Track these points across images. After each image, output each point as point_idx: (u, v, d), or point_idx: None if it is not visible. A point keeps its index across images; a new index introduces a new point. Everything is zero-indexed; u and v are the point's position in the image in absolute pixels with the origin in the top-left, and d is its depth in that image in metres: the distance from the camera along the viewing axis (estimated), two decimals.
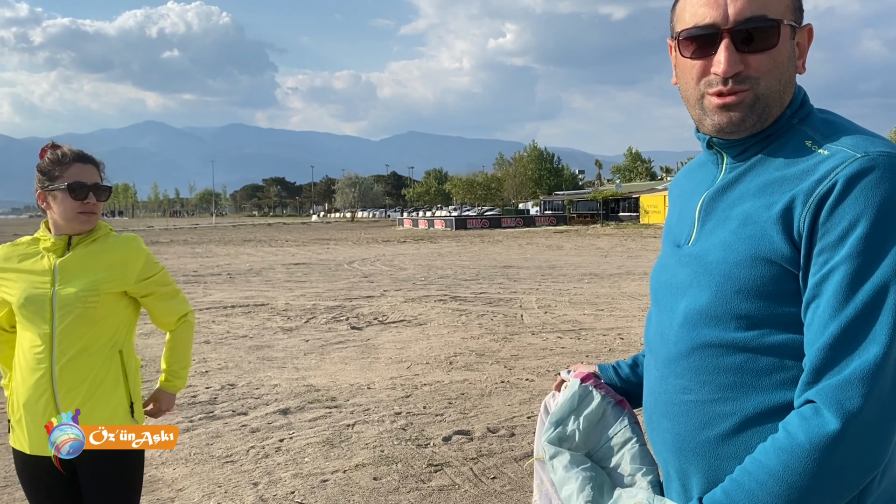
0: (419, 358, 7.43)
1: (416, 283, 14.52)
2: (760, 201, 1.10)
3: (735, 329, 1.09)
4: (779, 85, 1.13)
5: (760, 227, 1.08)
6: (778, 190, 1.09)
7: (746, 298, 1.08)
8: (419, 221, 57.79)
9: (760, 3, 1.10)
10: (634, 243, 27.94)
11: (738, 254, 1.09)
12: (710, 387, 1.13)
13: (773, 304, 1.07)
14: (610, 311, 10.22)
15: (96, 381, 2.32)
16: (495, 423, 5.16)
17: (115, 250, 2.39)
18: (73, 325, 2.29)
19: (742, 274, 1.08)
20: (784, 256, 1.05)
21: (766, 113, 1.14)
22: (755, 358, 1.08)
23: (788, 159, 1.12)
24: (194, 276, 17.13)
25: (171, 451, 4.70)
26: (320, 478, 4.21)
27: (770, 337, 1.07)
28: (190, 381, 6.54)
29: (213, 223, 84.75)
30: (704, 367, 1.13)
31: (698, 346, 1.14)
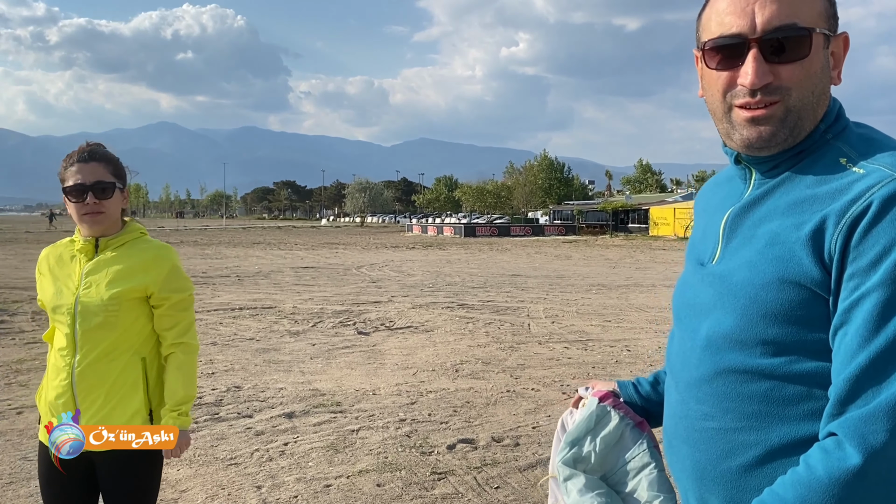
0: (425, 365, 7.43)
1: (423, 290, 14.52)
2: (789, 220, 1.04)
3: (761, 355, 1.04)
4: (812, 97, 1.08)
5: (789, 248, 1.02)
6: (808, 209, 1.03)
7: (773, 323, 1.02)
8: (428, 228, 57.81)
9: (791, 11, 1.05)
10: (643, 255, 27.85)
11: (765, 275, 1.04)
12: (733, 414, 1.08)
13: (802, 330, 1.01)
14: (617, 323, 10.19)
15: (115, 386, 2.31)
16: (500, 433, 5.14)
17: (142, 256, 2.34)
18: (93, 330, 2.28)
19: (768, 297, 1.03)
20: (814, 280, 0.99)
21: (799, 127, 1.08)
22: (782, 386, 1.03)
23: (821, 177, 1.05)
24: (203, 277, 17.20)
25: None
26: (324, 483, 4.20)
27: (798, 364, 1.02)
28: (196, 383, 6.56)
29: (223, 225, 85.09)
30: (728, 394, 1.08)
31: (721, 372, 1.09)
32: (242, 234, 50.69)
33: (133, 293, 2.30)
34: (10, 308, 11.47)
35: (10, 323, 9.98)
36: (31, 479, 4.24)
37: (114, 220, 2.36)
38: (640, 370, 7.18)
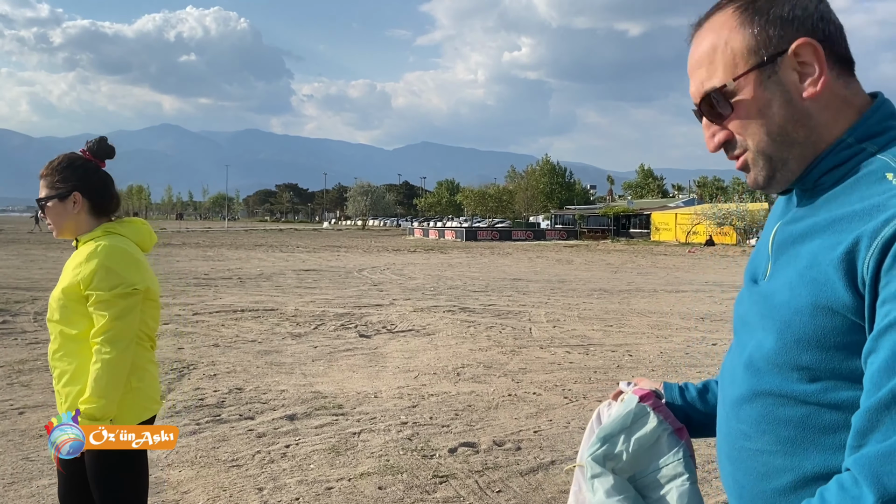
0: (427, 368, 7.43)
1: (425, 293, 14.53)
2: (827, 240, 0.97)
3: (797, 380, 1.00)
4: (768, 136, 1.05)
5: (823, 271, 0.96)
6: (846, 228, 0.95)
7: (808, 349, 0.98)
8: (430, 231, 57.80)
9: (707, 74, 1.07)
10: (645, 260, 27.84)
11: (801, 299, 0.98)
12: (769, 437, 1.05)
13: (838, 357, 0.96)
14: (619, 328, 10.18)
15: (75, 372, 2.46)
16: (501, 437, 5.14)
17: (80, 255, 2.49)
18: (54, 321, 2.48)
19: (803, 321, 0.98)
20: (846, 306, 0.93)
21: (778, 160, 1.06)
22: (818, 413, 0.99)
23: (862, 193, 0.98)
24: (205, 279, 17.21)
25: (177, 453, 4.72)
26: (325, 485, 4.21)
27: (834, 393, 0.97)
28: (198, 384, 6.57)
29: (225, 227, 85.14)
30: (765, 416, 1.05)
31: (760, 393, 1.06)
32: (244, 237, 50.72)
33: (73, 289, 2.43)
34: (12, 308, 11.48)
35: (12, 323, 10.00)
36: (33, 479, 4.25)
37: (68, 226, 2.52)
38: (640, 375, 7.18)
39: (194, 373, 7.07)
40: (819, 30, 1.04)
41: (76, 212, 2.50)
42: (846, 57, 1.07)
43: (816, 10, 1.05)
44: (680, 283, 17.79)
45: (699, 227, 43.64)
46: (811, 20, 1.04)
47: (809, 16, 1.04)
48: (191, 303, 12.44)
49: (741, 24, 1.05)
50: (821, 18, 1.05)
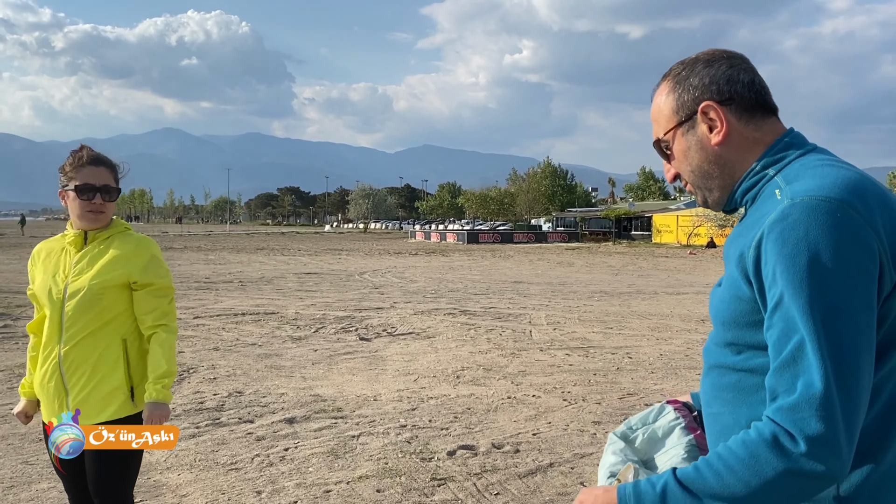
0: (426, 371, 7.43)
1: (426, 296, 14.53)
2: (736, 246, 1.27)
3: (729, 354, 1.30)
4: (691, 172, 1.40)
5: (733, 271, 1.26)
6: (745, 235, 1.24)
7: (730, 329, 1.29)
8: (431, 234, 57.81)
9: (655, 129, 1.44)
10: (646, 262, 27.83)
11: (724, 292, 1.30)
12: (719, 401, 1.33)
13: (751, 333, 1.24)
14: (619, 330, 10.18)
15: (98, 364, 2.51)
16: (500, 439, 5.15)
17: (126, 247, 2.58)
18: (79, 314, 2.50)
19: (725, 309, 1.29)
20: (747, 295, 1.23)
21: (705, 189, 1.41)
22: (745, 377, 1.27)
23: (759, 207, 1.29)
24: (206, 282, 17.23)
25: (177, 456, 4.73)
26: (324, 488, 4.21)
27: (753, 360, 1.25)
28: (198, 388, 6.58)
29: (227, 231, 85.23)
30: (715, 385, 1.35)
31: (711, 367, 1.37)
32: (246, 240, 50.76)
33: (116, 280, 2.53)
34: (13, 312, 11.51)
35: (13, 327, 10.02)
36: (33, 483, 4.26)
37: (108, 218, 2.63)
38: (641, 377, 7.18)
39: (194, 376, 7.08)
40: (724, 91, 1.34)
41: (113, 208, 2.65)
42: (759, 104, 1.35)
43: (723, 76, 1.35)
44: (681, 285, 17.78)
45: (700, 229, 43.61)
46: (716, 85, 1.34)
47: (714, 82, 1.35)
48: (191, 306, 12.45)
49: (669, 92, 1.40)
50: (727, 82, 1.34)
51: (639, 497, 1.24)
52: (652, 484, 1.24)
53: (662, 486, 1.22)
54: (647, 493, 1.23)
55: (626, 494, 1.26)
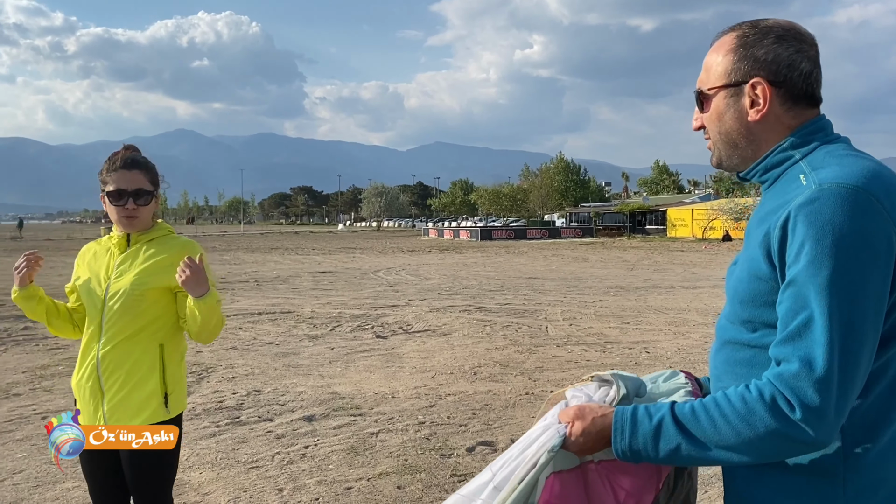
0: (443, 368, 7.44)
1: (440, 294, 14.54)
2: (758, 229, 1.31)
3: (745, 331, 1.35)
4: (719, 134, 1.43)
5: (754, 251, 1.30)
6: (768, 219, 1.29)
7: (747, 307, 1.33)
8: (444, 232, 57.82)
9: (702, 78, 1.44)
10: (661, 257, 27.69)
11: (743, 271, 1.34)
12: (731, 375, 1.38)
13: (767, 312, 1.29)
14: (636, 325, 10.14)
15: (134, 369, 2.50)
16: (519, 435, 5.12)
17: (169, 251, 2.57)
18: (118, 316, 2.49)
19: (743, 288, 1.34)
20: (768, 275, 1.27)
21: (724, 153, 1.44)
22: (759, 353, 1.32)
23: (782, 192, 1.31)
24: (222, 283, 17.32)
25: (198, 455, 4.76)
26: (344, 485, 4.23)
27: (768, 338, 1.29)
28: (217, 387, 6.63)
29: (241, 231, 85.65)
30: (727, 360, 1.40)
31: (724, 343, 1.41)
32: (260, 240, 51.00)
33: (157, 284, 2.51)
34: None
35: (33, 329, 10.12)
36: (57, 483, 4.30)
37: (146, 221, 2.61)
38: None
39: (213, 375, 7.13)
40: (780, 73, 1.34)
41: (154, 209, 2.64)
42: (806, 96, 1.36)
43: (787, 58, 1.34)
44: (697, 279, 17.68)
45: (716, 223, 43.34)
46: (776, 65, 1.34)
47: (777, 61, 1.34)
48: None
49: (730, 51, 1.39)
50: (788, 66, 1.34)
51: (635, 425, 1.30)
52: (649, 415, 1.31)
53: (659, 419, 1.29)
54: (642, 423, 1.30)
55: (623, 419, 1.32)
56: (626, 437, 1.30)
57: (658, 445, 1.27)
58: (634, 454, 1.30)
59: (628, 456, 1.31)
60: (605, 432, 1.33)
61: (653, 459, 1.29)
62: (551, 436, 1.37)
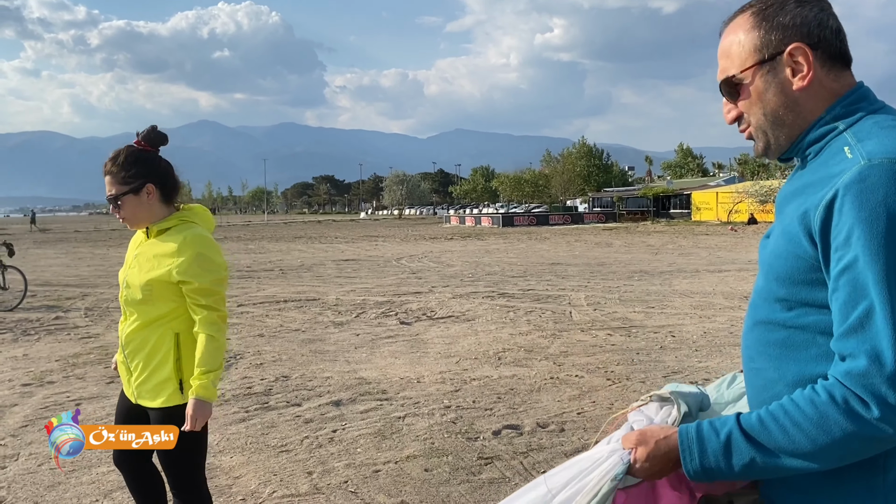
0: (468, 353, 7.47)
1: (463, 280, 14.56)
2: (796, 203, 1.27)
3: (779, 310, 1.29)
4: (763, 115, 1.34)
5: (793, 227, 1.24)
6: (807, 193, 1.24)
7: (783, 285, 1.27)
8: (466, 219, 57.78)
9: (725, 65, 1.36)
10: (686, 241, 27.44)
11: (780, 247, 1.28)
12: (764, 357, 1.33)
13: (805, 290, 1.24)
14: (661, 309, 10.09)
15: (151, 354, 2.58)
16: (545, 419, 5.16)
17: (173, 243, 2.56)
18: (132, 304, 2.59)
19: (780, 265, 1.27)
20: (807, 253, 1.21)
21: (772, 135, 1.35)
22: (794, 334, 1.27)
23: (824, 163, 1.26)
24: (248, 271, 17.51)
25: (228, 440, 4.84)
26: (373, 468, 4.28)
27: (805, 317, 1.25)
28: (245, 373, 6.72)
29: (265, 220, 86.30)
30: (761, 340, 1.34)
31: (757, 323, 1.35)
32: (284, 229, 51.36)
33: (161, 276, 2.53)
34: (64, 305, 11.85)
35: (65, 319, 10.32)
36: (93, 467, 4.41)
37: (143, 216, 2.61)
38: (685, 355, 7.12)
39: (241, 362, 7.23)
40: (814, 35, 1.29)
41: (150, 202, 2.60)
42: (841, 55, 1.31)
43: (815, 19, 1.29)
44: (722, 262, 17.51)
45: (741, 206, 42.82)
46: (807, 27, 1.29)
47: (806, 24, 1.29)
48: (235, 295, 12.67)
49: (752, 27, 1.33)
50: (818, 25, 1.29)
51: (702, 443, 1.25)
52: (715, 430, 1.25)
53: (727, 434, 1.23)
54: (710, 440, 1.24)
55: (689, 438, 1.26)
56: (695, 458, 1.25)
57: (731, 461, 1.22)
58: (707, 473, 1.25)
59: (701, 476, 1.26)
60: (671, 454, 1.29)
61: (726, 476, 1.24)
62: (615, 463, 1.32)
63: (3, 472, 4.35)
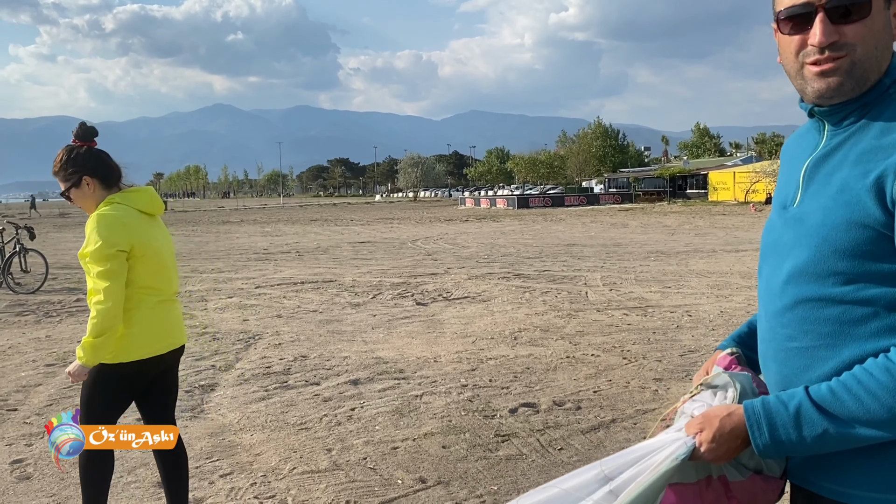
0: (484, 333, 7.51)
1: (479, 261, 14.58)
2: (857, 170, 1.19)
3: (833, 284, 1.22)
4: (875, 51, 1.21)
5: (856, 195, 1.17)
6: (873, 159, 1.17)
7: (843, 258, 1.19)
8: (481, 200, 57.68)
9: None
10: (703, 221, 27.26)
11: (836, 217, 1.20)
12: (812, 335, 1.26)
13: (868, 262, 1.18)
14: (678, 289, 10.06)
15: None
16: (561, 397, 5.19)
17: (89, 223, 2.92)
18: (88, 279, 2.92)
19: (839, 236, 1.19)
20: (879, 221, 1.15)
21: (864, 78, 1.22)
22: (852, 309, 1.20)
23: (884, 128, 1.19)
24: (265, 253, 17.63)
25: (248, 418, 4.92)
26: (391, 445, 4.34)
27: (865, 291, 1.19)
28: (264, 353, 6.80)
29: (280, 204, 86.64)
30: (807, 318, 1.26)
31: (801, 300, 1.27)
32: (300, 212, 51.56)
33: (82, 252, 2.88)
34: (84, 287, 11.99)
35: (85, 301, 10.45)
36: None
37: (91, 204, 2.98)
38: (701, 334, 7.11)
39: (260, 343, 7.31)
40: None
41: (92, 191, 2.95)
42: None
43: None
44: (739, 242, 17.40)
45: (758, 185, 42.40)
46: None
47: None
48: (253, 276, 12.79)
49: None
50: None
51: (770, 416, 1.22)
52: (783, 403, 1.22)
53: (796, 406, 1.20)
54: (778, 413, 1.21)
55: (756, 413, 1.23)
56: (764, 432, 1.21)
57: (802, 433, 1.18)
58: (778, 446, 1.21)
59: (771, 450, 1.22)
60: (737, 431, 1.24)
61: (797, 449, 1.21)
62: (678, 447, 1.29)
63: (30, 449, 4.46)
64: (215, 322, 8.51)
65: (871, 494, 1.20)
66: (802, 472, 1.32)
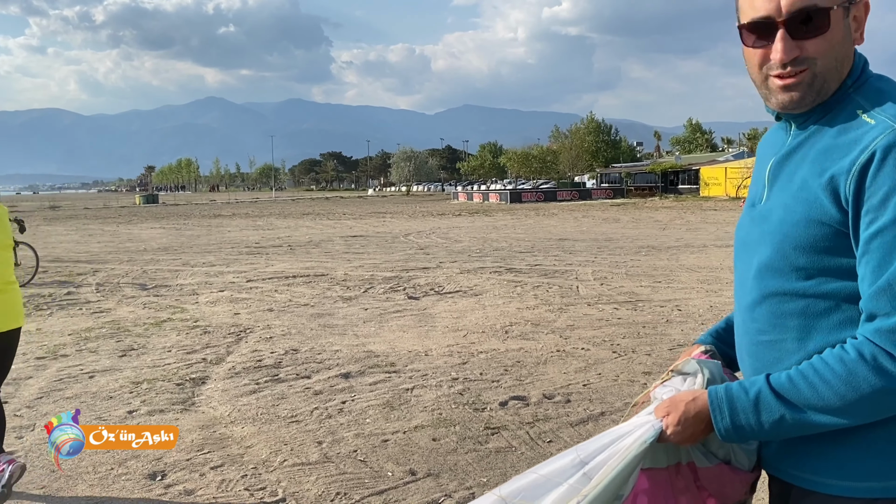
0: (475, 327, 7.53)
1: (471, 255, 14.61)
2: (815, 168, 1.23)
3: (796, 279, 1.26)
4: (835, 62, 1.24)
5: (813, 193, 1.22)
6: (829, 158, 1.21)
7: (803, 254, 1.24)
8: (474, 195, 57.67)
9: None
10: (694, 216, 27.38)
11: (796, 215, 1.24)
12: (780, 328, 1.30)
13: (827, 258, 1.22)
14: (668, 283, 10.12)
15: None
16: (551, 390, 5.22)
17: None
18: None
19: (799, 233, 1.24)
20: (833, 218, 1.20)
21: (825, 88, 1.25)
22: (815, 303, 1.25)
23: (840, 128, 1.23)
24: (256, 247, 17.61)
25: (239, 411, 4.93)
26: (381, 438, 4.36)
27: (826, 285, 1.24)
28: (255, 347, 6.81)
29: (272, 197, 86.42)
30: (774, 312, 1.31)
31: (768, 295, 1.31)
32: (292, 206, 51.45)
33: None
34: (75, 280, 11.98)
35: (76, 294, 10.44)
36: None
37: None
38: (691, 329, 7.16)
39: (251, 336, 7.32)
40: None
41: None
42: None
43: None
44: (730, 237, 17.44)
45: (749, 181, 42.50)
46: None
47: None
48: (244, 270, 12.78)
49: None
50: None
51: (732, 401, 1.26)
52: (744, 389, 1.26)
53: (756, 392, 1.24)
54: (739, 398, 1.25)
55: (719, 398, 1.27)
56: (725, 416, 1.26)
57: (760, 418, 1.23)
58: (738, 430, 1.26)
59: (732, 434, 1.27)
60: (701, 415, 1.29)
61: (756, 434, 1.26)
62: (646, 430, 1.35)
63: (21, 441, 4.46)
64: (206, 315, 8.51)
65: (844, 483, 1.23)
66: (776, 461, 1.35)
